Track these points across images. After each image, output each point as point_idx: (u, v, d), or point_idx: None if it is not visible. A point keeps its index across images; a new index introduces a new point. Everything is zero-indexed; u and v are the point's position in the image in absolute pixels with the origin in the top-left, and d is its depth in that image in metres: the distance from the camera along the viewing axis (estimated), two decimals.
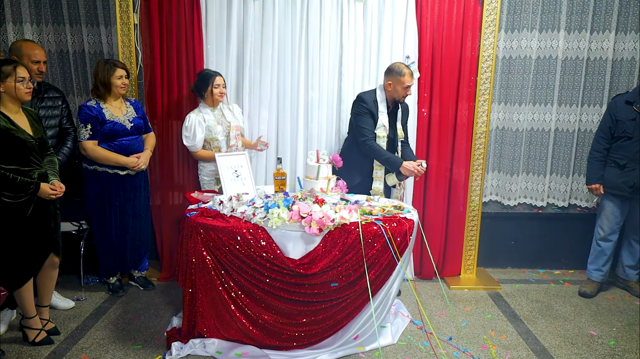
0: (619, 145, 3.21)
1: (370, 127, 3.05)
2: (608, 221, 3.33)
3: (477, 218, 3.57)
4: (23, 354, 2.55)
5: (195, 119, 3.13)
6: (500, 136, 3.79)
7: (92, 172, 3.06)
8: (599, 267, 3.41)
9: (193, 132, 3.11)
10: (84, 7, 3.48)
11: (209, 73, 3.13)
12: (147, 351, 2.60)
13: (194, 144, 3.14)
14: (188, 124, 3.11)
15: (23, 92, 2.39)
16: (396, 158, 3.05)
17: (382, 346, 2.64)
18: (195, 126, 3.11)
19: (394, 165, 3.04)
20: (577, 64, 3.63)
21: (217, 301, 2.50)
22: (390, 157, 3.05)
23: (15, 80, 2.35)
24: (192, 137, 3.12)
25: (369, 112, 3.05)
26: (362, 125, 3.06)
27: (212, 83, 3.10)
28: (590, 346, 2.75)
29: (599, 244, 3.40)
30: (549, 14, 3.57)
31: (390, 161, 3.04)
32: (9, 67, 2.36)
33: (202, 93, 3.15)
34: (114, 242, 3.18)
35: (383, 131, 3.07)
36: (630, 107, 3.15)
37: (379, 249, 2.44)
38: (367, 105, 3.05)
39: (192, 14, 3.28)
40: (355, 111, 3.10)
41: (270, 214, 2.44)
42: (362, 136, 3.06)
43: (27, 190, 2.36)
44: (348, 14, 3.35)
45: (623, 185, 3.20)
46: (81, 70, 3.62)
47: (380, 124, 3.07)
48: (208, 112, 3.16)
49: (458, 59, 3.38)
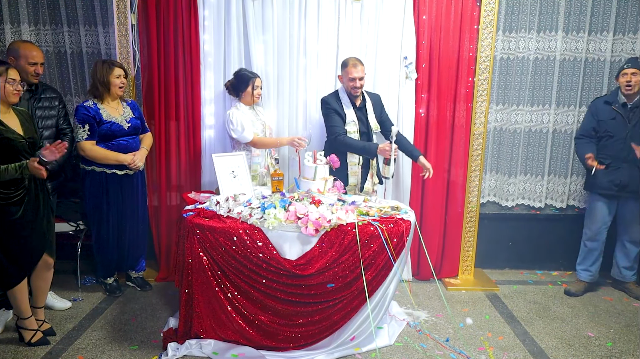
0: (603, 145, 3.26)
1: (339, 124, 3.09)
2: (595, 221, 3.36)
3: (475, 219, 3.57)
4: (19, 355, 2.54)
5: (238, 113, 3.13)
6: (498, 137, 3.79)
7: (89, 173, 3.06)
8: (587, 267, 3.44)
9: (240, 123, 3.10)
10: (81, 8, 3.49)
11: (247, 75, 3.16)
12: (144, 352, 2.60)
13: (242, 135, 3.11)
14: (234, 119, 3.10)
15: (11, 93, 2.40)
16: (371, 144, 3.08)
17: (379, 347, 2.63)
18: (241, 120, 3.10)
19: (370, 151, 3.06)
20: (575, 65, 3.63)
21: (214, 301, 2.50)
22: (365, 145, 3.09)
23: (5, 81, 2.37)
24: (240, 129, 3.10)
25: (334, 110, 3.09)
26: (330, 124, 3.10)
27: (252, 84, 3.14)
28: (588, 347, 2.75)
29: (585, 244, 3.44)
30: (547, 15, 3.57)
31: (366, 149, 3.07)
32: (1, 68, 2.37)
33: (240, 92, 3.17)
34: (111, 242, 3.18)
35: (353, 126, 3.11)
36: (609, 107, 3.23)
37: (376, 250, 2.44)
38: (330, 105, 3.10)
39: (190, 15, 3.28)
40: (323, 113, 3.16)
41: (267, 215, 2.44)
42: (332, 134, 3.09)
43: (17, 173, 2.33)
44: (345, 14, 3.35)
45: (609, 184, 3.22)
46: (79, 70, 3.62)
47: (350, 120, 3.11)
48: (246, 110, 3.18)
49: (456, 60, 3.38)
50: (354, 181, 3.16)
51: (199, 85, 3.38)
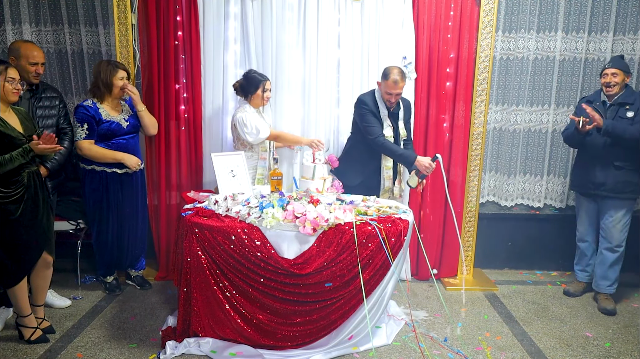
0: (584, 143, 3.18)
1: (378, 125, 3.03)
2: (581, 221, 3.37)
3: (474, 219, 3.57)
4: (18, 353, 2.56)
5: (251, 116, 3.10)
6: (498, 137, 3.79)
7: (89, 172, 3.07)
8: (583, 268, 3.44)
9: (255, 126, 3.08)
10: (82, 8, 3.50)
11: (258, 78, 3.13)
12: (142, 350, 2.61)
13: (258, 137, 3.10)
14: (248, 122, 3.07)
15: (10, 92, 2.42)
16: (410, 153, 3.02)
17: (377, 347, 2.64)
18: (255, 122, 3.09)
19: (407, 161, 3.00)
20: (574, 65, 3.63)
21: (212, 300, 2.51)
22: (404, 152, 3.03)
23: (5, 80, 2.39)
24: (255, 132, 3.09)
25: (371, 112, 3.05)
26: (369, 124, 3.03)
27: (262, 87, 3.12)
28: (586, 347, 2.75)
29: (578, 245, 3.44)
30: (547, 14, 3.57)
31: (404, 157, 3.01)
32: (1, 67, 2.39)
33: (249, 95, 3.16)
34: (111, 241, 3.20)
35: (389, 130, 3.07)
36: (591, 105, 3.16)
37: (373, 249, 2.45)
38: (368, 106, 3.06)
39: (190, 14, 3.29)
40: (359, 112, 3.10)
41: (265, 214, 2.44)
42: (370, 134, 3.02)
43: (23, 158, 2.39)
44: (345, 14, 3.35)
45: (588, 183, 3.20)
46: (79, 70, 3.63)
47: (385, 124, 3.07)
48: (253, 111, 3.18)
49: (455, 60, 3.38)
50: (388, 184, 3.12)
51: (199, 84, 3.39)
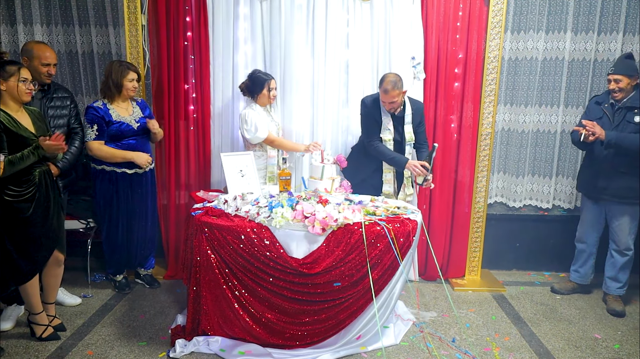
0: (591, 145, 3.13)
1: (373, 129, 3.08)
2: (583, 222, 3.37)
3: (482, 220, 3.56)
4: (30, 350, 2.59)
5: (254, 114, 3.14)
6: (506, 137, 3.78)
7: (100, 171, 3.10)
8: (576, 268, 3.44)
9: (254, 124, 3.11)
10: (93, 9, 3.53)
11: (262, 77, 3.16)
12: (152, 348, 2.63)
13: (255, 136, 3.13)
14: (249, 119, 3.11)
15: (23, 92, 2.45)
16: (401, 157, 3.07)
17: (385, 347, 2.64)
18: (256, 120, 3.12)
19: (399, 165, 3.06)
20: (583, 66, 3.61)
21: (221, 299, 2.53)
22: (395, 156, 3.07)
23: (18, 80, 2.42)
24: (253, 130, 3.12)
25: (369, 115, 3.09)
26: (365, 127, 3.13)
27: (267, 86, 3.15)
28: (595, 349, 2.74)
29: (576, 245, 3.44)
30: (556, 15, 3.56)
31: (396, 160, 3.06)
32: (14, 68, 2.43)
33: (256, 95, 3.18)
34: (120, 240, 3.22)
35: (388, 134, 3.09)
36: (599, 107, 3.16)
37: (382, 249, 2.45)
38: (366, 108, 3.11)
39: (199, 15, 3.31)
40: (360, 113, 3.18)
41: (274, 213, 2.46)
42: (366, 137, 3.12)
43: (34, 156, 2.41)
44: (354, 15, 3.36)
45: (593, 186, 3.19)
46: (90, 70, 3.67)
47: (385, 127, 3.09)
48: (260, 111, 3.20)
49: (464, 60, 3.38)
50: (387, 189, 3.14)
51: (208, 84, 3.41)
